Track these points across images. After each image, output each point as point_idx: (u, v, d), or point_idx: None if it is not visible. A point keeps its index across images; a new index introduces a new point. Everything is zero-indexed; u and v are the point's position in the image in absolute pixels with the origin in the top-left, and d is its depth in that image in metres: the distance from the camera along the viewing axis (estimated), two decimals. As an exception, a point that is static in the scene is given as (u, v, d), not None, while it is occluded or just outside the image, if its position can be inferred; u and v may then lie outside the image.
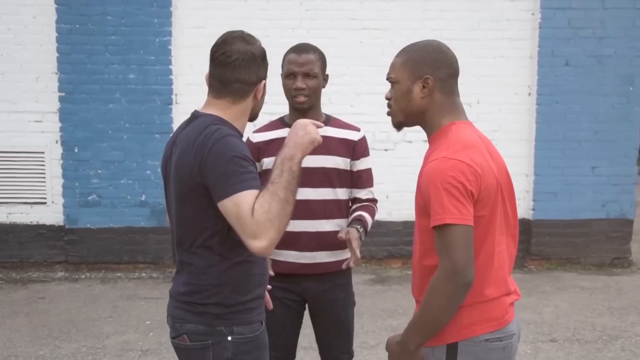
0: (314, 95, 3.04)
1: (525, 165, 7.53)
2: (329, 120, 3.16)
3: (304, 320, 3.23)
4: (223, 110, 2.24)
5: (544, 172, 7.45)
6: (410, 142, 7.40)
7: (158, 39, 7.01)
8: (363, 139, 3.16)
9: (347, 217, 3.15)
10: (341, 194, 3.10)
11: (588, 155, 7.48)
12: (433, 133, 2.21)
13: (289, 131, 2.19)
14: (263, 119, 7.69)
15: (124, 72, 7.01)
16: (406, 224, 7.37)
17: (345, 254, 3.13)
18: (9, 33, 7.06)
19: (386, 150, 7.41)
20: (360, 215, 3.07)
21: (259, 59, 2.25)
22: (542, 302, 6.15)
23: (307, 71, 2.99)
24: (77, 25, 6.96)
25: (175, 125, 7.12)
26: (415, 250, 2.23)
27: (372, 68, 7.21)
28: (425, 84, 2.16)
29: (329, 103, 7.27)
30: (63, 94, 7.02)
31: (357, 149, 3.12)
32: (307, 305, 3.22)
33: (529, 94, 7.50)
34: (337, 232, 3.06)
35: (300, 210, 2.98)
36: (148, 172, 7.01)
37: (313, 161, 3.00)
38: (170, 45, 7.06)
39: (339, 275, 3.14)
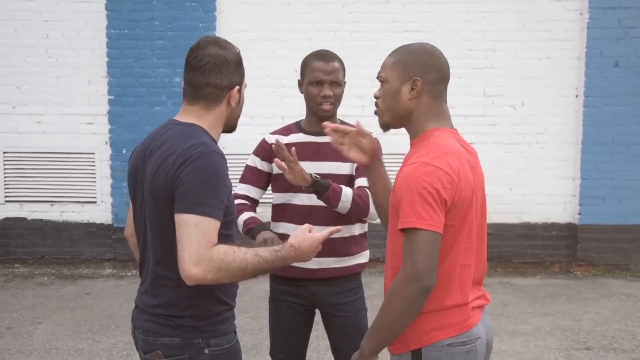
0: (338, 103, 3.07)
1: (571, 168, 7.37)
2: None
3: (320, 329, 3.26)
4: (199, 118, 2.21)
5: (591, 175, 7.27)
6: (452, 144, 7.33)
7: (203, 43, 7.18)
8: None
9: (358, 223, 3.12)
10: None
11: (638, 158, 7.26)
12: (416, 136, 2.21)
13: (307, 237, 2.20)
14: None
15: (170, 75, 7.21)
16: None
17: (353, 260, 3.12)
18: (64, 39, 7.36)
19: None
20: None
21: (232, 64, 2.21)
22: (583, 309, 6.02)
23: (334, 79, 3.00)
24: (126, 31, 7.20)
25: (219, 128, 7.28)
26: (386, 250, 2.25)
27: (414, 70, 7.16)
28: (413, 86, 2.17)
29: (370, 105, 7.30)
30: (112, 97, 7.28)
31: None
32: (319, 313, 3.22)
33: (576, 96, 7.33)
34: (344, 238, 3.05)
35: (308, 216, 3.03)
36: (192, 173, 7.18)
37: (323, 167, 3.04)
38: (215, 49, 7.22)
39: (347, 279, 3.14)
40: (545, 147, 7.37)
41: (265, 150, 3.15)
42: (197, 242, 1.96)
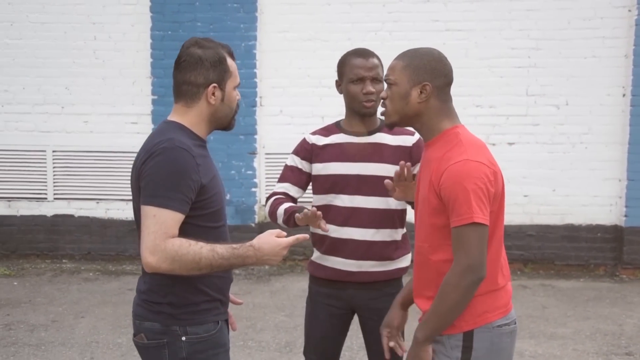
0: (379, 101, 2.90)
1: (617, 169, 7.19)
2: (383, 126, 3.03)
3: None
4: (182, 116, 2.30)
5: (638, 176, 7.08)
6: (493, 144, 7.23)
7: (244, 44, 7.27)
8: (418, 142, 3.02)
9: (400, 227, 3.05)
10: (394, 203, 2.97)
11: (688, 159, 7.05)
12: (433, 136, 2.32)
13: (269, 240, 2.20)
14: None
15: (212, 76, 7.31)
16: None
17: (393, 265, 3.04)
18: (110, 41, 7.55)
19: (469, 152, 7.30)
20: None
21: (208, 63, 2.27)
22: (626, 313, 5.87)
23: (375, 75, 2.95)
24: (169, 32, 7.35)
25: (260, 127, 7.36)
26: (422, 247, 2.32)
27: (455, 70, 6.98)
28: (423, 90, 2.27)
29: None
30: (156, 97, 7.44)
31: (413, 154, 3.00)
32: (356, 314, 3.16)
33: (624, 95, 7.16)
34: (385, 242, 2.98)
35: (349, 218, 2.97)
36: (232, 172, 7.28)
37: (365, 169, 2.97)
38: (255, 49, 7.31)
39: (387, 284, 3.05)
40: (590, 148, 7.22)
41: (305, 150, 3.10)
42: (154, 233, 2.09)
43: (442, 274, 2.20)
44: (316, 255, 3.11)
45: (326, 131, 3.12)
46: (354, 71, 2.96)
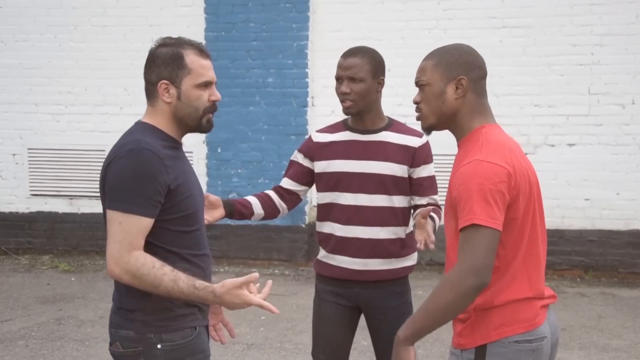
0: (361, 100, 2.95)
1: (688, 173, 6.77)
2: (391, 125, 3.07)
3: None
4: (150, 116, 2.27)
5: None
6: (552, 145, 6.94)
7: (296, 44, 7.24)
8: (424, 145, 3.03)
9: (404, 225, 3.04)
10: (397, 201, 3.00)
11: None
12: (464, 136, 2.24)
13: (234, 293, 2.08)
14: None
15: (264, 76, 7.33)
16: (549, 232, 6.93)
17: (400, 263, 3.04)
18: (167, 42, 7.65)
19: (526, 154, 6.99)
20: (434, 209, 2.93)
21: (159, 60, 2.21)
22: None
23: (351, 75, 2.93)
24: (222, 33, 7.40)
25: (311, 127, 7.31)
26: (448, 252, 2.23)
27: (512, 68, 6.87)
28: (459, 85, 2.19)
29: (465, 105, 7.06)
30: (209, 98, 7.49)
31: (416, 156, 3.01)
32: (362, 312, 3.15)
33: (695, 93, 6.73)
34: (390, 240, 2.99)
35: (354, 216, 2.99)
36: (283, 172, 7.24)
37: (368, 167, 2.99)
38: (307, 49, 7.27)
39: (393, 283, 3.06)
40: (659, 150, 6.82)
41: (307, 147, 3.13)
42: (119, 242, 2.05)
43: None
44: (322, 254, 3.13)
45: (332, 128, 3.14)
46: (336, 71, 3.00)
